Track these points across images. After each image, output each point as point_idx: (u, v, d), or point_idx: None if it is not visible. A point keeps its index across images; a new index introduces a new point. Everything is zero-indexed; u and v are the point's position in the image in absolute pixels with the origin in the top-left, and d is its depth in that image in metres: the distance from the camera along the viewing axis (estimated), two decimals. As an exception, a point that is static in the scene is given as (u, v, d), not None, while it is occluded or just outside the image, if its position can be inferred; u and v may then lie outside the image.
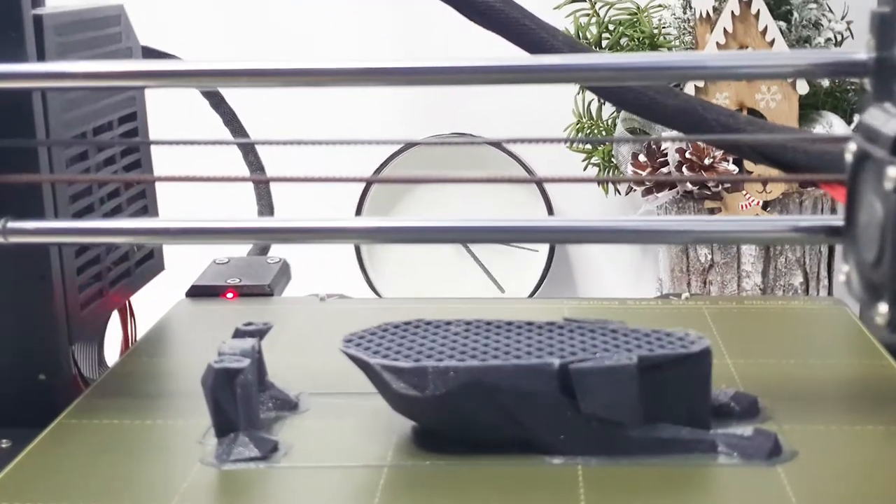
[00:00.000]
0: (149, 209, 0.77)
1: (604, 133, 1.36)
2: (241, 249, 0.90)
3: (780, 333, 0.70)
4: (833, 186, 0.53)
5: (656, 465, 0.52)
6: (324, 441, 0.55)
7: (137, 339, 0.74)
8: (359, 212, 1.50)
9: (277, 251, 0.90)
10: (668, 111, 0.58)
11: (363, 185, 1.48)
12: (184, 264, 0.88)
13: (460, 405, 0.52)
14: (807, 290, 1.22)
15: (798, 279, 1.22)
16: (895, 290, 0.40)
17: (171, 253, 0.83)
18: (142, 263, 0.76)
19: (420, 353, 0.53)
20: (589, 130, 1.37)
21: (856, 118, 0.95)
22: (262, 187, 0.90)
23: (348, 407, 0.59)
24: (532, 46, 0.59)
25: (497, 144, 1.45)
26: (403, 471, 0.52)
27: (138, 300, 0.77)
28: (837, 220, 0.50)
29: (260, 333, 0.59)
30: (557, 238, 0.60)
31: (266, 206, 0.90)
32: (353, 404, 0.59)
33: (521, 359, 0.52)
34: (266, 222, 0.58)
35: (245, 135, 0.89)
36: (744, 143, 0.58)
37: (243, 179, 0.61)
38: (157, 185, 0.78)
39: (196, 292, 0.79)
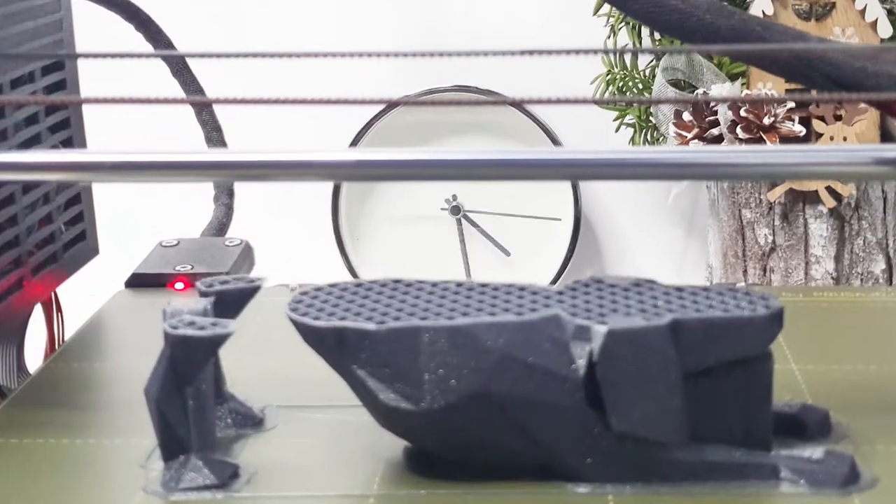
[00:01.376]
0: (74, 142, 0.77)
1: (640, 87, 1.36)
2: (192, 229, 0.90)
3: (857, 333, 0.70)
4: None
5: (704, 495, 0.52)
6: (295, 465, 0.55)
7: (65, 339, 0.73)
8: (336, 197, 1.50)
9: (239, 229, 0.90)
10: (720, 33, 0.57)
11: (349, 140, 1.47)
12: (123, 247, 0.88)
13: (464, 421, 0.52)
14: (890, 280, 1.22)
15: (879, 265, 1.22)
16: None
17: (108, 234, 0.83)
18: (71, 246, 0.76)
19: (385, 314, 0.53)
20: (622, 83, 1.37)
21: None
22: (211, 130, 0.90)
23: (325, 423, 0.59)
24: None
25: (512, 103, 1.46)
26: (393, 502, 0.52)
27: (67, 291, 0.77)
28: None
29: (229, 300, 0.59)
30: (570, 174, 0.59)
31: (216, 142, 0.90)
32: (332, 419, 0.59)
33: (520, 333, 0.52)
34: (223, 155, 0.57)
35: (197, 86, 0.89)
36: (816, 67, 0.57)
37: (191, 101, 0.60)
38: (86, 116, 0.78)
39: (138, 281, 0.79)
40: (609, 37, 1.39)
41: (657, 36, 1.32)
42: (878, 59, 0.56)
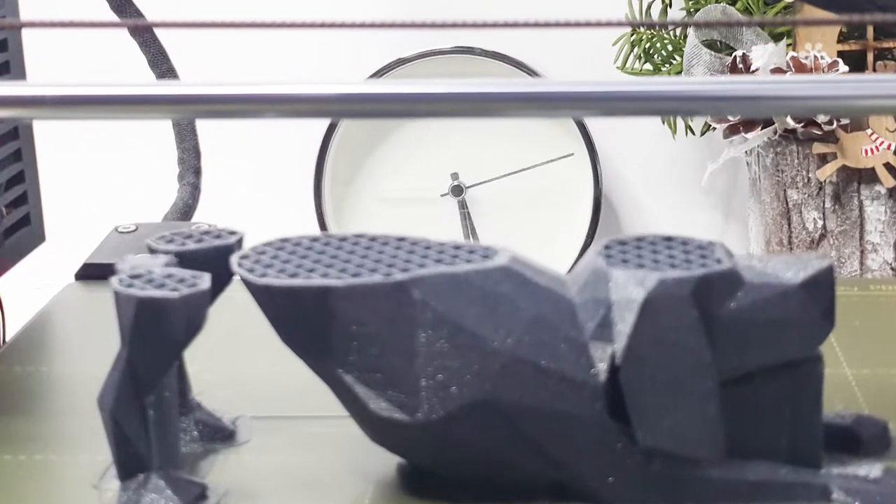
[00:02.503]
0: (11, 71, 0.77)
1: (669, 48, 1.36)
2: (153, 213, 0.90)
3: (920, 332, 0.70)
4: None
5: (744, 520, 0.52)
6: (271, 485, 0.55)
7: (7, 338, 0.73)
8: (318, 179, 1.50)
9: (206, 213, 0.90)
10: None
11: (325, 127, 1.48)
12: (73, 234, 0.88)
13: (466, 433, 0.52)
14: (957, 271, 1.22)
15: (945, 255, 1.22)
16: None
17: (55, 219, 0.83)
18: (13, 232, 0.76)
19: (344, 269, 0.53)
20: (648, 44, 1.37)
21: None
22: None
23: (307, 436, 0.59)
24: None
25: (519, 65, 1.45)
26: (385, 527, 0.52)
27: (8, 284, 0.77)
28: None
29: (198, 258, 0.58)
30: (588, 108, 0.58)
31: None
32: (314, 432, 0.59)
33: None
34: (184, 87, 0.56)
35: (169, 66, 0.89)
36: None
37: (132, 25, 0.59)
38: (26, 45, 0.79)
39: (90, 273, 0.79)
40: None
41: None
42: None
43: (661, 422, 0.52)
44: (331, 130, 1.48)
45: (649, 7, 1.39)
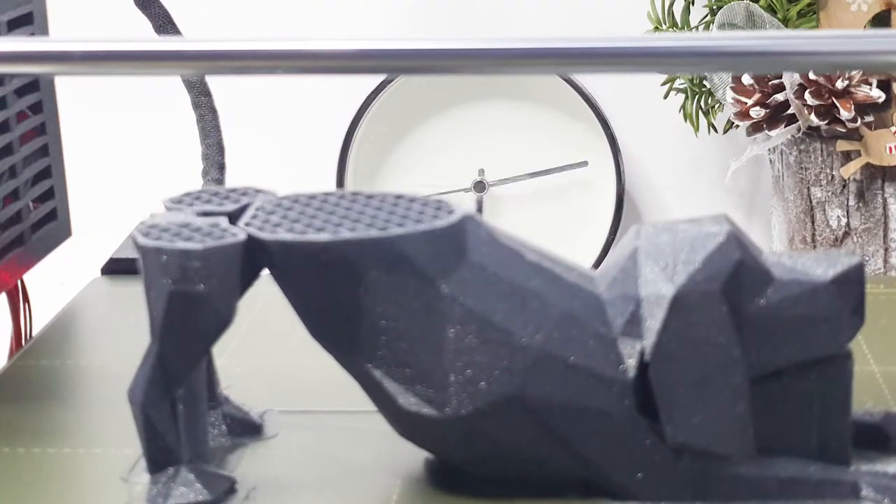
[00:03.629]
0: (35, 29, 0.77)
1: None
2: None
3: (947, 330, 0.70)
4: None
5: (773, 516, 0.52)
6: (299, 479, 0.55)
7: (34, 333, 0.74)
8: (341, 173, 1.50)
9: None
10: None
11: (348, 122, 1.47)
12: (99, 229, 0.89)
13: (494, 429, 0.52)
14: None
15: (969, 253, 1.22)
16: None
17: (81, 214, 0.83)
18: (40, 227, 0.76)
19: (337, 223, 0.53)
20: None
21: None
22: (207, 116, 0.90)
23: (334, 430, 0.59)
24: None
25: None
26: (413, 521, 0.52)
27: (35, 279, 0.77)
28: None
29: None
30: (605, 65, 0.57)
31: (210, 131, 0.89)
32: (342, 427, 0.59)
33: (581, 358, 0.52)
34: (210, 44, 0.55)
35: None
36: None
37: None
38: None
39: (116, 267, 0.79)
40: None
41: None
42: None
43: (691, 418, 0.52)
44: (354, 124, 1.48)
45: (671, 5, 1.38)
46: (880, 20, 1.23)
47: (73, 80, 0.81)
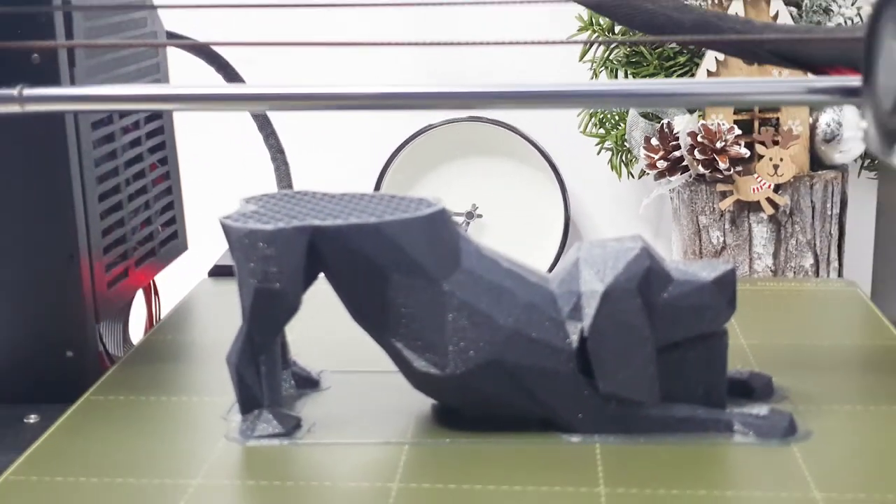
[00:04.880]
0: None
1: (616, 118, 1.35)
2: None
3: (793, 315, 0.70)
4: (845, 71, 0.52)
5: (673, 444, 0.51)
6: (345, 418, 0.55)
7: (161, 317, 0.73)
8: (378, 187, 1.49)
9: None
10: (685, 26, 0.56)
11: (383, 161, 1.45)
12: (207, 245, 0.88)
13: (480, 384, 0.52)
14: (817, 272, 1.21)
15: (808, 261, 1.22)
16: None
17: (195, 233, 0.83)
18: (166, 243, 0.76)
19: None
20: (601, 115, 1.36)
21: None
22: (279, 157, 0.88)
23: (369, 384, 0.59)
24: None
25: (513, 129, 1.45)
26: (424, 448, 0.52)
27: (162, 280, 0.77)
28: (854, 80, 0.49)
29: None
30: (543, 102, 0.56)
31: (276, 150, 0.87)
32: (374, 381, 0.59)
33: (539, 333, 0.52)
34: (280, 88, 0.55)
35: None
36: (760, 44, 0.56)
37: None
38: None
39: (218, 272, 0.79)
40: (591, 78, 1.38)
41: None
42: (810, 38, 0.57)
43: (616, 375, 0.52)
44: (384, 169, 1.46)
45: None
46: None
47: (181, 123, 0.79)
